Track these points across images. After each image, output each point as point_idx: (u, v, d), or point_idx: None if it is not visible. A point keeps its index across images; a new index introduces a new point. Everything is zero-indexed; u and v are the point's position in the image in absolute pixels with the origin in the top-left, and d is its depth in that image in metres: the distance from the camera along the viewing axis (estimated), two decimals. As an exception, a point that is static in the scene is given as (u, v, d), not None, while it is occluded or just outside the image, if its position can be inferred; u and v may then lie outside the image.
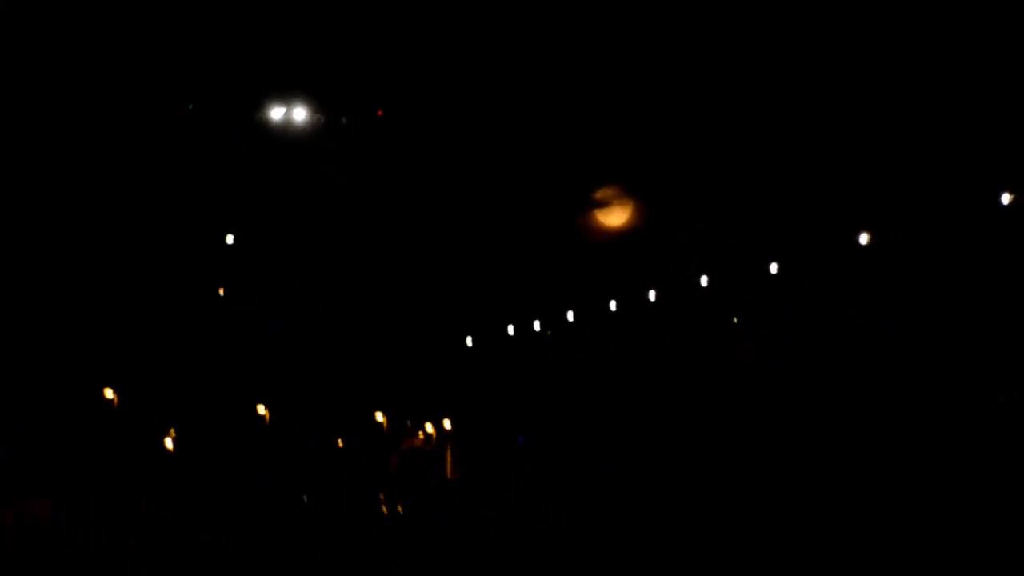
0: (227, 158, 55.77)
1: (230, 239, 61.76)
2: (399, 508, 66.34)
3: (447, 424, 72.24)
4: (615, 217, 57.68)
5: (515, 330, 70.27)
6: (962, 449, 48.18)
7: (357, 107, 52.90)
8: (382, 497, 67.34)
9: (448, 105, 53.09)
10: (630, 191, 56.71)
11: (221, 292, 64.42)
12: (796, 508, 47.06)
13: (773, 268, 57.80)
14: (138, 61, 49.88)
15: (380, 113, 53.75)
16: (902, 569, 41.38)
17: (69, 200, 55.62)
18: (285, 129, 52.32)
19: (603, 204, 57.26)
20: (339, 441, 69.10)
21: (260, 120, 52.04)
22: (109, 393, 61.57)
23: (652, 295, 63.01)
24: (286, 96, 51.52)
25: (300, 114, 51.94)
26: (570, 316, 67.66)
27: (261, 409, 66.92)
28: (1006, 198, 47.75)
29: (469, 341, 71.68)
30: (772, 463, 54.59)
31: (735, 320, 61.48)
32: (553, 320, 68.63)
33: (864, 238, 53.51)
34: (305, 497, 62.60)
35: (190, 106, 52.34)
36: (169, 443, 63.98)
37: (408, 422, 72.43)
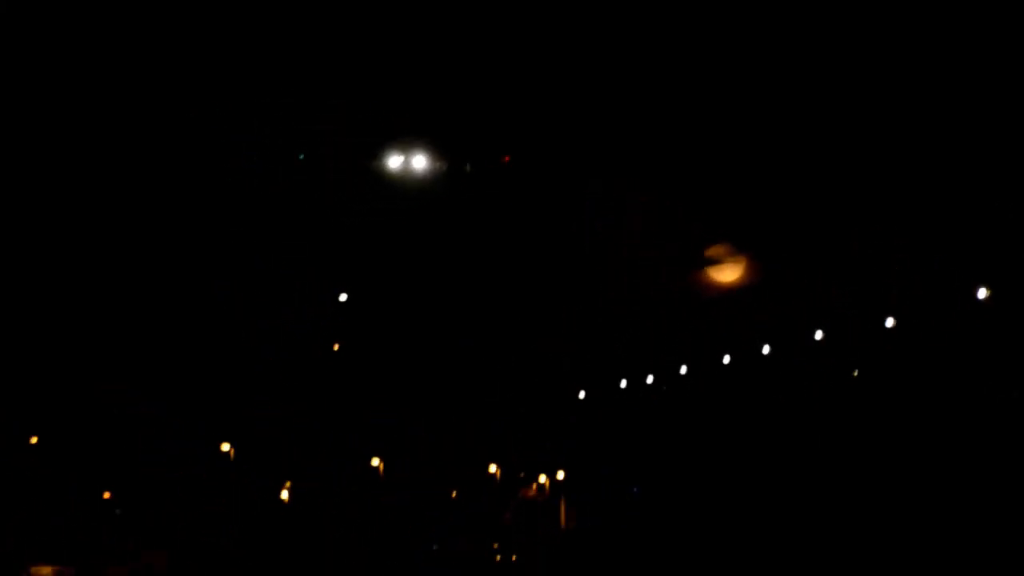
0: (341, 210, 55.08)
1: (343, 296, 61.89)
2: (513, 558, 66.44)
3: (560, 475, 72.25)
4: (727, 273, 57.57)
5: (628, 384, 70.24)
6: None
7: (481, 153, 50.97)
8: (496, 547, 67.49)
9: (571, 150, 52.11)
10: (740, 246, 56.57)
11: (336, 347, 64.91)
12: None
13: (889, 323, 57.38)
14: (245, 105, 49.13)
15: (507, 159, 52.04)
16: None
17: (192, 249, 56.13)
18: (404, 178, 49.88)
19: (714, 260, 57.19)
20: (453, 492, 69.39)
21: (377, 169, 49.97)
22: (226, 447, 62.40)
23: (766, 349, 62.71)
24: (404, 143, 49.32)
25: (420, 162, 49.52)
26: (683, 370, 67.52)
27: (376, 461, 67.43)
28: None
29: (582, 394, 71.71)
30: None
31: (855, 374, 61.00)
32: (667, 374, 68.49)
33: (982, 292, 53.19)
34: (431, 546, 63.01)
35: (301, 156, 50.94)
36: (285, 495, 64.69)
37: (522, 473, 72.52)
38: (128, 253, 56.16)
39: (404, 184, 49.19)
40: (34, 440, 59.67)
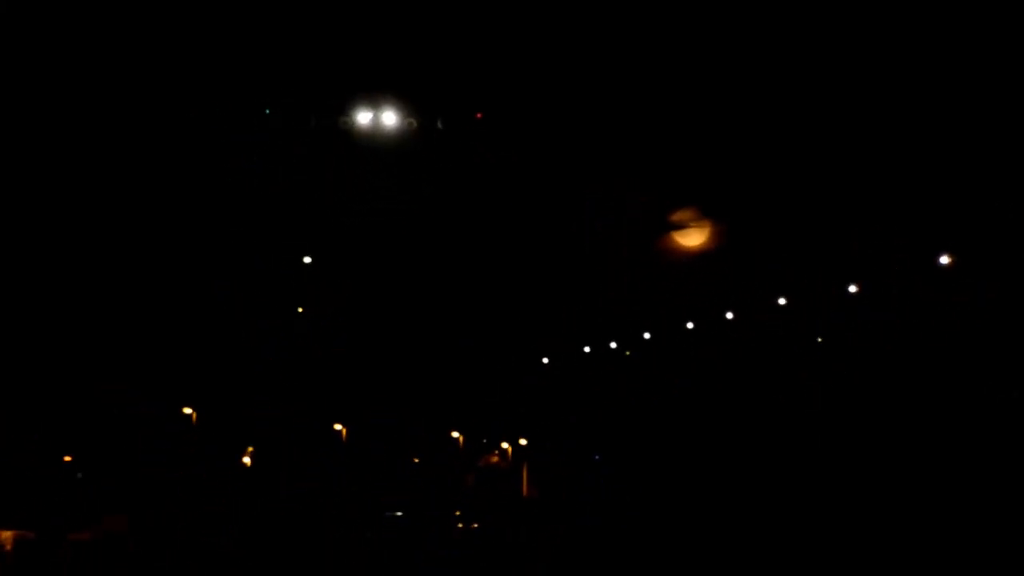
0: (305, 165, 54.15)
1: (307, 259, 61.54)
2: (474, 524, 66.43)
3: (522, 442, 72.27)
4: (691, 238, 57.54)
5: (591, 349, 70.18)
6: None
7: (453, 110, 48.57)
8: (458, 513, 67.47)
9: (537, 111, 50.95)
10: (706, 213, 56.52)
11: (300, 310, 64.60)
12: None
13: (852, 288, 57.52)
14: (208, 58, 47.82)
15: (479, 116, 49.65)
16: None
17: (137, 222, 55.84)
18: (373, 135, 47.61)
19: (679, 226, 57.13)
20: (415, 458, 69.36)
21: (346, 125, 47.28)
22: (188, 410, 62.14)
23: (729, 315, 62.81)
24: (373, 99, 47.19)
25: (390, 118, 47.24)
26: (647, 335, 67.54)
27: (339, 427, 67.30)
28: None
29: (545, 360, 71.66)
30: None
31: (819, 340, 61.15)
32: (631, 339, 68.48)
33: (945, 259, 53.35)
34: (388, 513, 62.87)
35: (267, 111, 48.53)
36: (247, 460, 64.45)
37: (484, 439, 72.56)
38: (101, 241, 55.86)
39: (373, 142, 47.94)
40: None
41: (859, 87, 48.01)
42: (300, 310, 64.70)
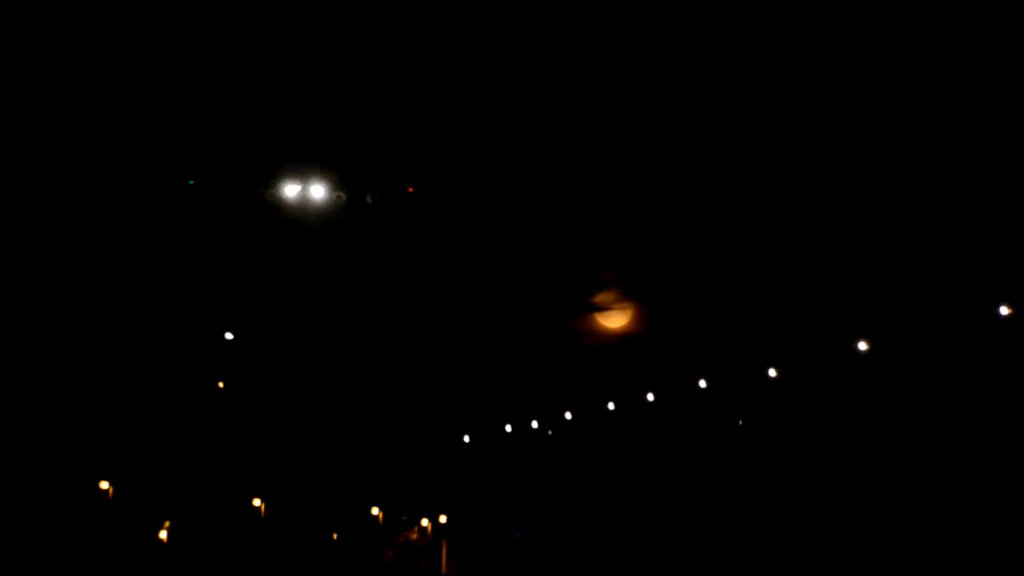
0: (232, 241, 52.60)
1: (229, 335, 61.13)
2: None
3: (442, 519, 72.06)
4: (614, 320, 57.83)
5: (513, 428, 70.18)
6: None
7: (383, 183, 46.89)
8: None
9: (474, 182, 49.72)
10: (628, 294, 56.84)
11: (220, 384, 64.32)
12: None
13: (772, 372, 57.86)
14: (139, 131, 46.32)
15: (411, 190, 48.36)
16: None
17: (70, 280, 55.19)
18: (301, 209, 45.85)
19: (602, 308, 57.42)
20: (334, 534, 68.96)
21: (271, 198, 45.74)
22: (104, 484, 61.55)
23: (650, 396, 63.00)
24: (302, 171, 45.48)
25: (318, 191, 45.58)
26: (568, 415, 67.62)
27: (256, 502, 66.86)
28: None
29: (466, 438, 71.59)
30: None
31: (740, 422, 61.45)
32: (552, 419, 68.56)
33: (862, 345, 53.77)
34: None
35: (191, 182, 47.12)
36: (163, 535, 63.87)
37: (404, 516, 72.25)
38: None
39: (301, 216, 46.65)
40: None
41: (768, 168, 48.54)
42: (220, 385, 64.44)
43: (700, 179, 49.04)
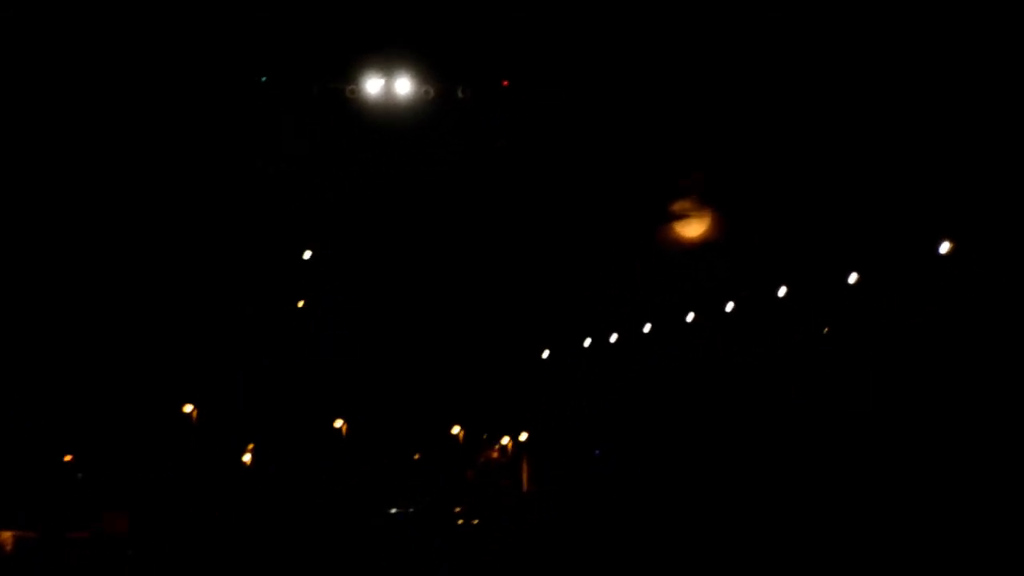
0: (309, 146, 48.69)
1: (307, 254, 60.72)
2: (475, 520, 66.28)
3: (523, 436, 72.05)
4: (692, 228, 57.37)
5: (592, 342, 69.87)
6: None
7: (475, 76, 43.03)
8: (458, 509, 67.31)
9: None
10: (706, 201, 56.31)
11: (300, 304, 64.21)
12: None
13: (852, 278, 57.36)
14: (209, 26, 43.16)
15: (506, 84, 44.51)
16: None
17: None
18: (384, 107, 42.13)
19: (681, 215, 56.96)
20: (416, 454, 69.10)
21: (351, 95, 42.02)
22: (188, 408, 61.91)
23: (729, 306, 62.55)
24: (386, 64, 41.49)
25: (403, 86, 42.16)
26: (647, 328, 67.24)
27: (338, 423, 67.01)
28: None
29: (545, 354, 71.35)
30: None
31: (825, 331, 60.94)
32: (631, 331, 68.19)
33: (944, 246, 53.28)
34: (388, 511, 62.70)
35: (263, 79, 43.18)
36: (248, 458, 64.21)
37: (484, 435, 72.30)
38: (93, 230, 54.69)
39: (382, 114, 43.18)
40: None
41: (857, 78, 47.99)
42: (300, 305, 64.40)
43: (780, 79, 48.46)
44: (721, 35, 46.51)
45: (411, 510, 65.26)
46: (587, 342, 69.86)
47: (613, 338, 68.93)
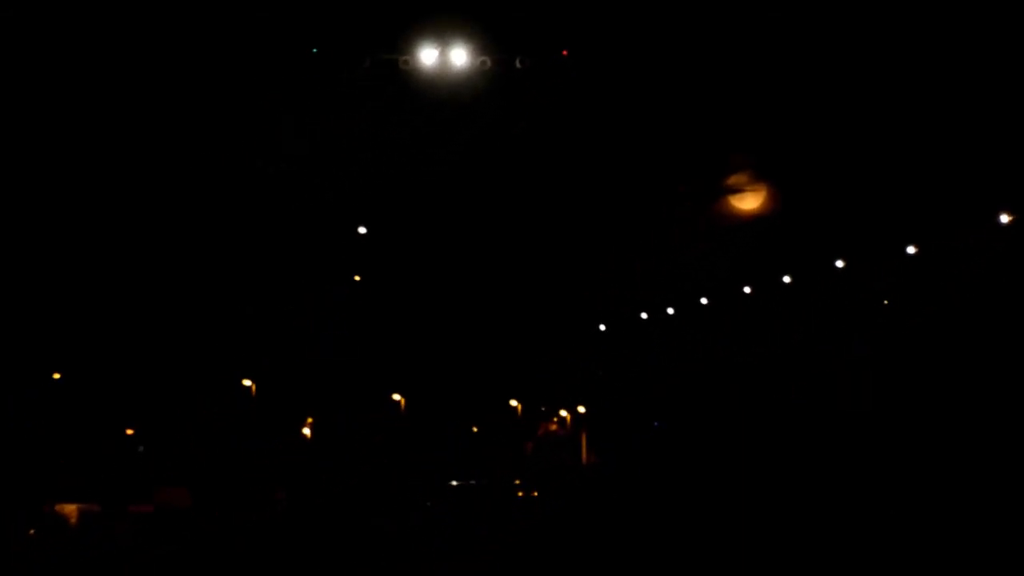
0: (363, 120, 46.82)
1: (362, 229, 60.79)
2: (534, 492, 66.46)
3: (581, 410, 72.24)
4: (747, 201, 57.18)
5: (649, 316, 69.91)
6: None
7: (534, 46, 40.55)
8: (518, 481, 67.52)
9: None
10: (760, 175, 56.12)
11: (356, 278, 64.38)
12: None
13: (911, 250, 57.17)
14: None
15: (565, 53, 42.04)
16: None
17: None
18: (440, 78, 39.63)
19: (735, 189, 56.77)
20: (474, 427, 69.45)
21: (405, 66, 39.37)
22: (247, 383, 62.37)
23: (787, 279, 62.46)
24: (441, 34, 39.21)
25: (459, 57, 39.61)
26: (704, 301, 67.21)
27: (397, 396, 67.40)
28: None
29: (603, 327, 71.46)
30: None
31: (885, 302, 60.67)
32: (687, 306, 68.17)
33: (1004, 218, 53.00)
34: (448, 482, 62.94)
35: (314, 50, 40.92)
36: (307, 431, 64.69)
37: (543, 408, 72.55)
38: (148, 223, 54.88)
39: (439, 86, 41.00)
40: (56, 376, 59.75)
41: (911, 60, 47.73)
42: (357, 279, 64.60)
43: (834, 51, 48.16)
44: (775, 26, 46.32)
45: (472, 483, 65.51)
46: (644, 315, 69.97)
47: (670, 311, 69.02)
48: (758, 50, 48.28)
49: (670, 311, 69.26)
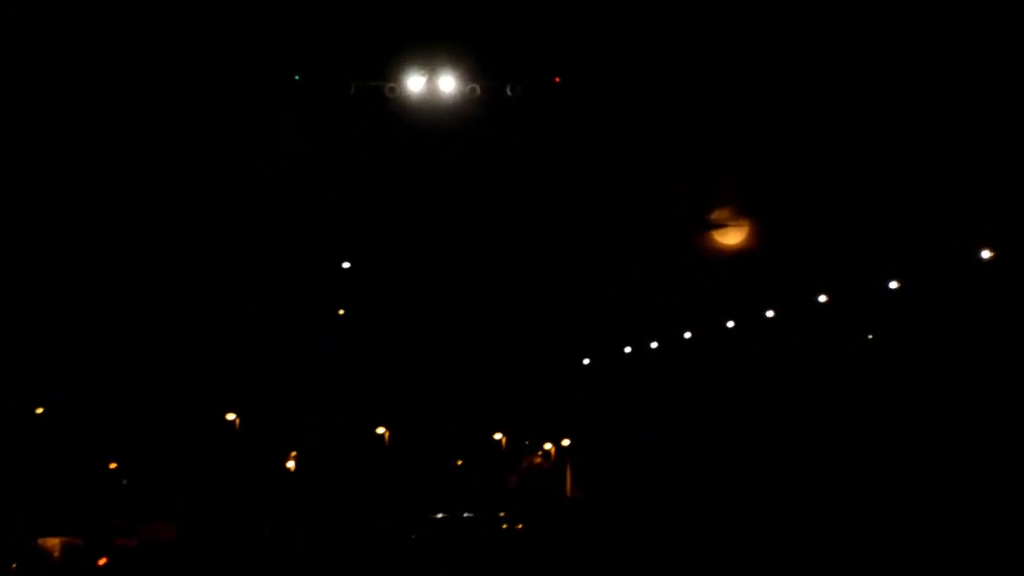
0: (347, 148, 46.33)
1: (346, 264, 60.97)
2: (518, 525, 66.52)
3: (565, 442, 72.32)
4: (730, 236, 57.39)
5: (632, 349, 70.08)
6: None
7: (525, 73, 39.55)
8: (502, 514, 67.57)
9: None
10: (744, 210, 56.32)
11: (340, 312, 64.61)
12: None
13: (893, 285, 57.39)
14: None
15: (558, 80, 40.83)
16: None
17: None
18: (427, 105, 38.73)
19: (719, 224, 56.98)
20: (458, 460, 69.50)
21: (391, 93, 38.45)
22: (231, 416, 62.46)
23: (769, 313, 62.70)
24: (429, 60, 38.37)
25: (448, 84, 38.75)
26: (687, 335, 67.41)
27: (381, 430, 67.50)
28: None
29: (586, 361, 71.63)
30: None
31: (869, 336, 60.87)
32: (670, 338, 68.36)
33: (985, 253, 53.20)
34: (431, 516, 62.97)
35: (296, 76, 39.92)
36: (291, 464, 64.74)
37: (527, 441, 72.62)
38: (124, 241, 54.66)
39: (426, 114, 40.37)
40: (39, 411, 59.75)
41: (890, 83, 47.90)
42: (341, 313, 64.69)
43: (818, 84, 48.38)
44: (758, 40, 46.43)
45: (454, 516, 65.55)
46: (627, 349, 70.10)
47: (653, 345, 69.16)
48: (746, 86, 48.51)
49: (653, 345, 69.47)
